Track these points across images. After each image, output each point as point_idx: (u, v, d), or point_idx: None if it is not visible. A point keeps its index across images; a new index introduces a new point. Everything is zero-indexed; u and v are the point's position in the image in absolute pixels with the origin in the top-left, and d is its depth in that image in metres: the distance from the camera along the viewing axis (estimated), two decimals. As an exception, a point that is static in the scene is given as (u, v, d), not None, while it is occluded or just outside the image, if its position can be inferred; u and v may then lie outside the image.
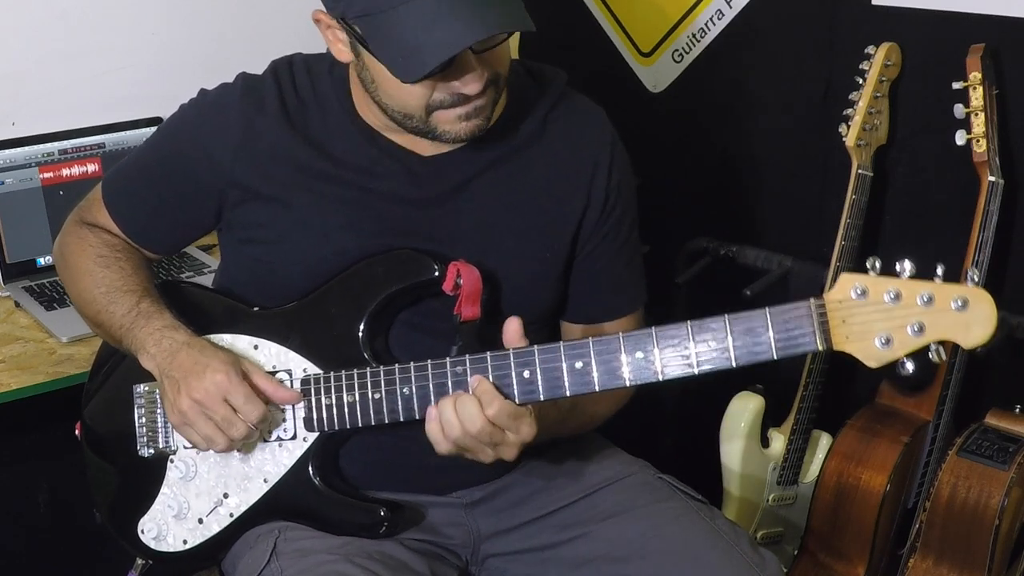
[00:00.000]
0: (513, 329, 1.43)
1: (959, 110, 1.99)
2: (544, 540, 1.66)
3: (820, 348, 1.30)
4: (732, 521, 1.68)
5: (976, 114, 1.98)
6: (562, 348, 1.40)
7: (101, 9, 2.44)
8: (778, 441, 2.26)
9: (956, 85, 1.99)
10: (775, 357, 1.32)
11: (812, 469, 2.29)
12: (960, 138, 1.99)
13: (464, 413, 1.40)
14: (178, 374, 1.52)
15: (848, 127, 2.11)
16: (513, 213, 1.60)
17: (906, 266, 1.28)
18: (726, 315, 1.34)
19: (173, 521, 1.63)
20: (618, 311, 1.70)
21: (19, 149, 2.32)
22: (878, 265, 1.29)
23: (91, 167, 2.38)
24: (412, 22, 1.37)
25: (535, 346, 1.41)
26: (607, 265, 1.67)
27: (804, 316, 1.30)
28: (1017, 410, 2.02)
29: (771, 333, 1.31)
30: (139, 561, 1.68)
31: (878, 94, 2.11)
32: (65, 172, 2.36)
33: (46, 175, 2.33)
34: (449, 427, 1.41)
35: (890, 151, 2.20)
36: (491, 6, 1.38)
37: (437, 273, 1.51)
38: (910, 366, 1.28)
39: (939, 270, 1.27)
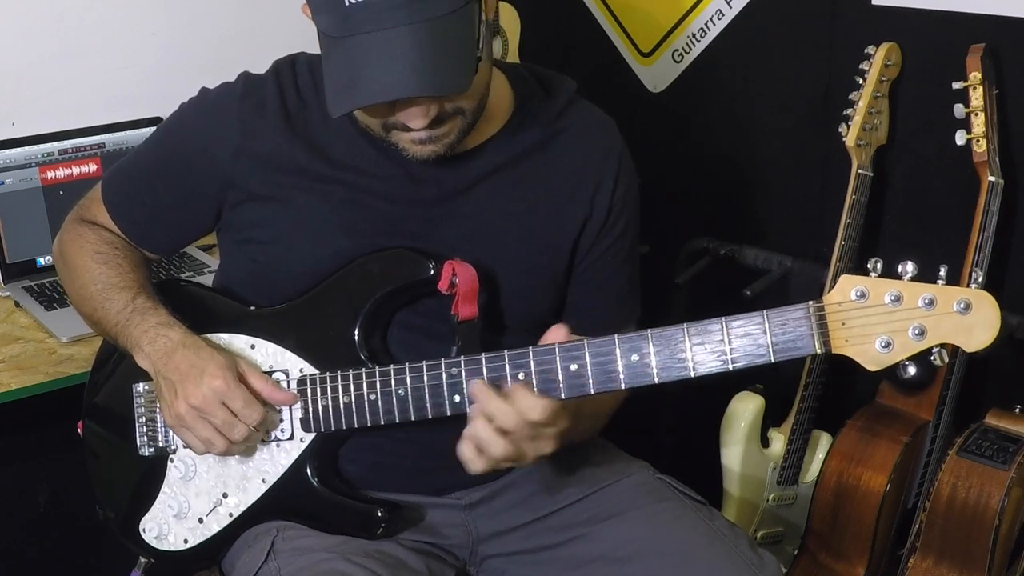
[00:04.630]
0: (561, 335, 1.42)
1: (959, 110, 1.99)
2: (543, 541, 1.66)
3: (818, 351, 1.29)
4: (731, 522, 1.67)
5: (976, 114, 1.97)
6: (557, 350, 1.39)
7: (101, 9, 2.44)
8: (778, 441, 2.26)
9: (956, 85, 1.99)
10: (772, 360, 1.31)
11: (812, 469, 2.29)
12: (960, 138, 1.99)
13: (507, 424, 1.39)
14: (175, 377, 1.52)
15: (848, 127, 2.11)
16: (513, 220, 1.59)
17: (908, 268, 1.26)
18: (723, 318, 1.33)
19: (174, 520, 1.63)
20: (614, 326, 1.67)
21: (19, 149, 2.32)
22: (879, 267, 1.28)
23: (91, 167, 2.38)
24: (353, 57, 1.36)
25: (530, 348, 1.41)
26: (606, 280, 1.67)
27: (802, 319, 1.30)
28: (1017, 410, 2.02)
29: (768, 336, 1.31)
30: (142, 560, 1.68)
31: (878, 94, 2.11)
32: (65, 172, 2.36)
33: (46, 175, 2.34)
34: (490, 445, 1.40)
35: (890, 151, 2.19)
36: (430, 64, 1.36)
37: (432, 272, 1.51)
38: (912, 369, 1.27)
39: (942, 271, 1.26)
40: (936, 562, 2.01)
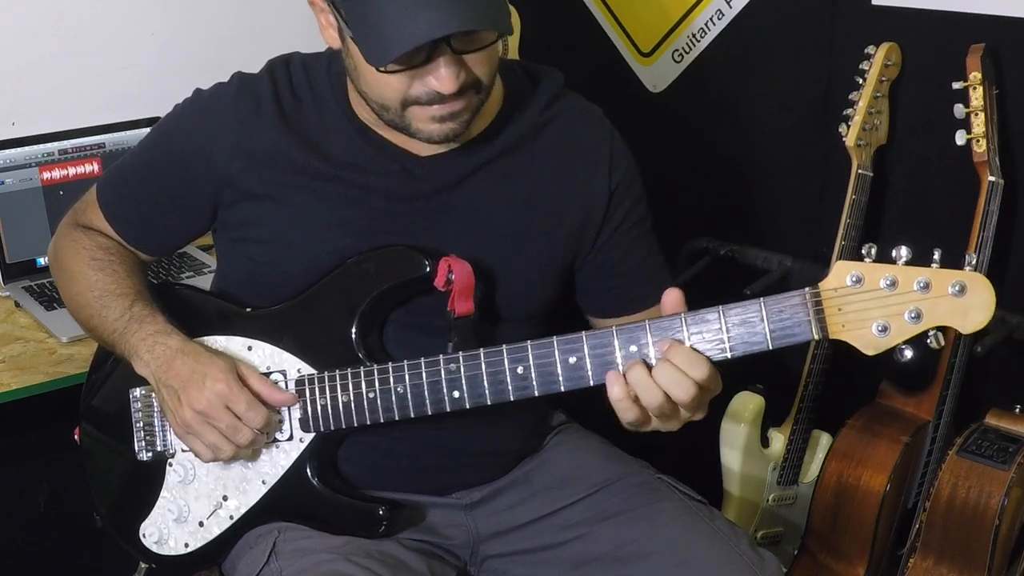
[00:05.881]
0: (672, 299, 1.38)
1: (959, 110, 1.99)
2: (543, 541, 1.66)
3: (816, 337, 1.29)
4: (731, 521, 1.67)
5: (976, 114, 1.97)
6: (556, 343, 1.39)
7: (101, 9, 2.44)
8: (778, 441, 2.26)
9: (956, 85, 1.99)
10: (770, 347, 1.31)
11: (812, 469, 2.29)
12: (960, 138, 1.99)
13: (669, 381, 1.35)
14: (176, 384, 1.52)
15: (848, 127, 2.11)
16: (508, 212, 1.59)
17: (902, 252, 1.27)
18: (720, 306, 1.33)
19: (174, 524, 1.63)
20: (645, 300, 1.66)
21: (19, 149, 2.32)
22: (874, 252, 1.28)
23: (91, 167, 2.38)
24: (391, 9, 1.37)
25: (528, 341, 1.41)
26: (624, 256, 1.66)
27: (799, 305, 1.30)
28: (1017, 410, 2.02)
29: (766, 323, 1.31)
30: (142, 566, 1.68)
31: (878, 94, 2.11)
32: (65, 172, 2.36)
33: (46, 175, 2.34)
34: (650, 394, 1.35)
35: (890, 151, 2.19)
36: (472, 3, 1.37)
37: (428, 269, 1.51)
38: (908, 353, 1.27)
39: (936, 255, 1.26)
40: (936, 562, 2.01)
